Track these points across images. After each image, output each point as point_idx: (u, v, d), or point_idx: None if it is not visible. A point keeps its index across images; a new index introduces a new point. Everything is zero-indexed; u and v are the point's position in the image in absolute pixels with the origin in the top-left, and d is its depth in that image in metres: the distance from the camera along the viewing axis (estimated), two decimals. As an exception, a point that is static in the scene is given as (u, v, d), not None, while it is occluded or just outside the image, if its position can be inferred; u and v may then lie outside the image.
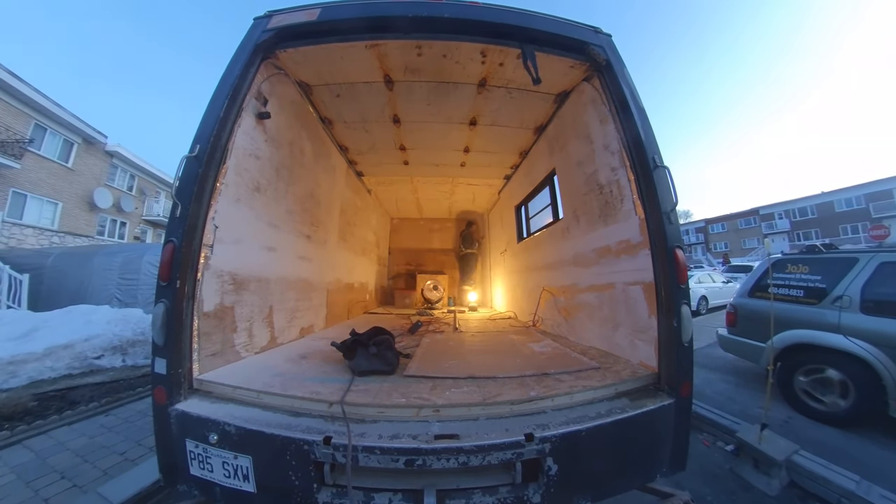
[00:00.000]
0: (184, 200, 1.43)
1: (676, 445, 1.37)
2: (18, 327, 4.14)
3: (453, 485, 1.12)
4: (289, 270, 2.52)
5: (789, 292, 3.25)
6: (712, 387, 3.57)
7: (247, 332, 1.92)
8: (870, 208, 25.48)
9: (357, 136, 3.28)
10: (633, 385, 1.49)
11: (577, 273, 2.58)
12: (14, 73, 9.82)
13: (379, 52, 2.05)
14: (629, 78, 1.80)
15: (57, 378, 3.58)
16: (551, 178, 3.15)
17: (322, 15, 1.76)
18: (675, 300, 1.44)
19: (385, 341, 1.75)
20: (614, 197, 2.01)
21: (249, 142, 1.92)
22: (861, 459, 2.21)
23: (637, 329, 1.76)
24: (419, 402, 1.30)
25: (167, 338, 1.33)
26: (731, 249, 33.90)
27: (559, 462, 1.13)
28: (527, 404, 1.31)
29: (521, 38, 1.82)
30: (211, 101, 1.61)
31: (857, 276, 2.84)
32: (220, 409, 1.28)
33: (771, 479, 2.09)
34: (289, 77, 2.25)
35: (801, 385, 2.96)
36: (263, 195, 2.10)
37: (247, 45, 1.74)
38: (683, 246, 1.54)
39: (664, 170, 1.56)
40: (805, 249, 3.48)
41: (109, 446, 2.37)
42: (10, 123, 9.96)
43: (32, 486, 1.93)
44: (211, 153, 1.53)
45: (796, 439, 2.30)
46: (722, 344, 3.91)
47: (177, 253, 1.39)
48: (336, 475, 1.12)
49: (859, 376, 2.61)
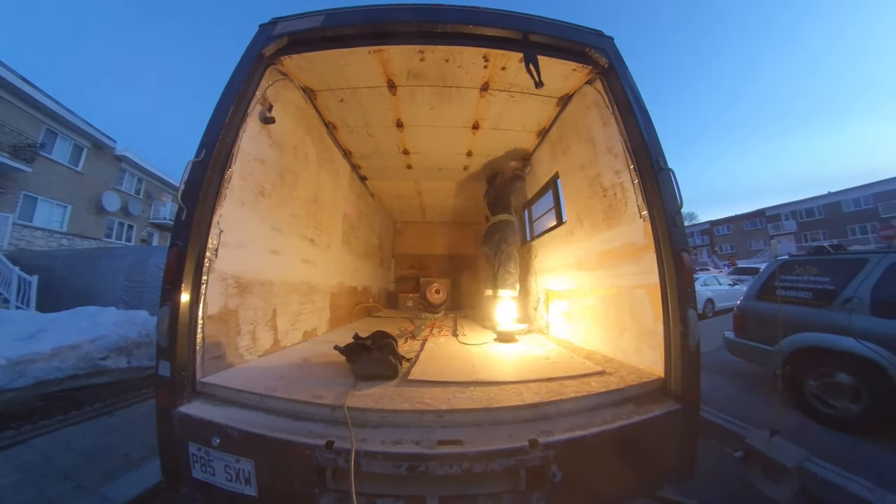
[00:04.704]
0: (189, 204, 1.44)
1: (684, 452, 1.35)
2: (27, 328, 4.20)
3: (456, 491, 1.11)
4: (292, 274, 2.53)
5: (797, 294, 3.20)
6: (720, 391, 3.51)
7: (250, 335, 1.93)
8: (878, 208, 25.08)
9: (361, 141, 3.30)
10: (638, 390, 1.47)
11: (582, 277, 2.56)
12: (26, 79, 10.05)
13: (382, 58, 2.06)
14: (632, 80, 1.79)
15: (63, 378, 3.61)
16: (555, 181, 3.14)
17: (326, 21, 1.78)
18: (681, 304, 1.42)
19: (388, 345, 1.75)
20: (618, 200, 1.99)
21: (254, 146, 1.94)
22: (875, 466, 2.16)
23: (643, 333, 1.74)
24: (422, 406, 1.29)
25: (171, 340, 1.34)
26: (737, 251, 33.51)
27: (564, 469, 1.11)
28: (531, 410, 1.29)
29: (524, 42, 1.83)
30: (217, 106, 1.63)
31: (867, 277, 2.79)
32: (222, 413, 1.28)
33: (781, 487, 2.04)
34: (293, 82, 2.27)
35: (811, 389, 2.90)
36: (268, 199, 2.12)
37: (252, 52, 1.76)
38: (689, 248, 1.52)
39: (669, 172, 1.55)
40: (813, 251, 3.43)
41: (113, 447, 2.38)
42: (23, 128, 10.17)
43: (36, 485, 1.94)
44: (216, 158, 1.55)
45: (807, 445, 2.24)
46: (729, 348, 3.85)
47: (182, 256, 1.40)
48: (338, 480, 1.11)
49: (871, 380, 2.55)
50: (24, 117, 10.33)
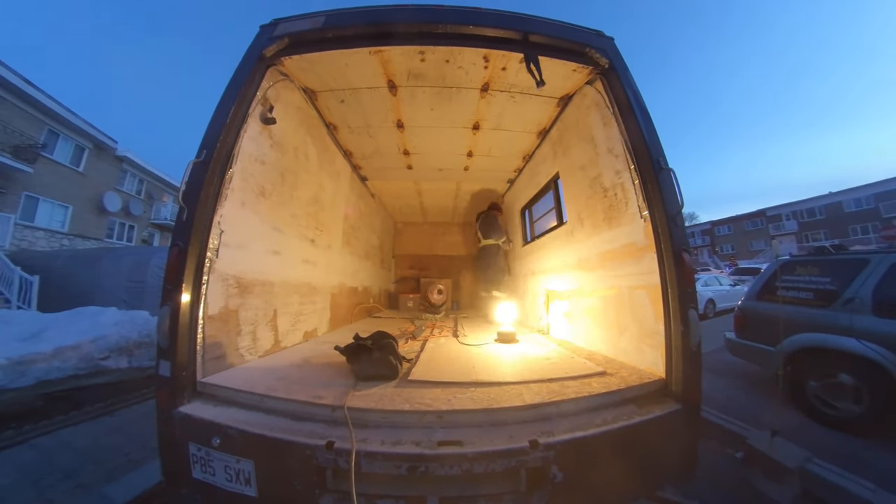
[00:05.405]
0: (190, 205, 1.45)
1: (685, 453, 1.34)
2: (28, 328, 4.21)
3: (457, 492, 1.11)
4: (293, 274, 2.53)
5: (799, 295, 3.19)
6: (720, 392, 3.50)
7: (251, 335, 1.93)
8: (880, 208, 25.04)
9: (361, 141, 3.30)
10: (639, 391, 1.47)
11: (582, 277, 2.56)
12: (28, 80, 10.09)
13: (382, 58, 2.07)
14: (632, 80, 1.79)
15: (64, 378, 3.62)
16: (555, 181, 3.14)
17: (327, 22, 1.78)
18: (681, 304, 1.42)
19: (388, 345, 1.75)
20: (619, 200, 1.99)
21: (255, 147, 1.94)
22: (878, 467, 2.15)
23: (643, 334, 1.73)
24: (422, 407, 1.29)
25: (172, 340, 1.34)
26: (738, 252, 33.47)
27: (564, 469, 1.11)
28: (531, 410, 1.29)
29: (524, 42, 1.83)
30: (218, 106, 1.63)
31: (869, 277, 2.78)
32: (223, 413, 1.28)
33: (782, 488, 2.03)
34: (294, 83, 2.28)
35: (812, 390, 2.89)
36: (268, 199, 2.12)
37: (253, 52, 1.77)
38: (689, 249, 1.52)
39: (669, 172, 1.55)
40: (814, 251, 3.42)
41: (114, 447, 2.38)
42: (24, 129, 10.21)
43: (37, 485, 1.95)
44: (217, 158, 1.55)
45: (809, 446, 2.24)
46: (730, 348, 3.84)
47: (183, 256, 1.40)
48: (338, 481, 1.11)
49: (873, 380, 2.55)
50: (25, 118, 10.37)
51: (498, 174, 4.21)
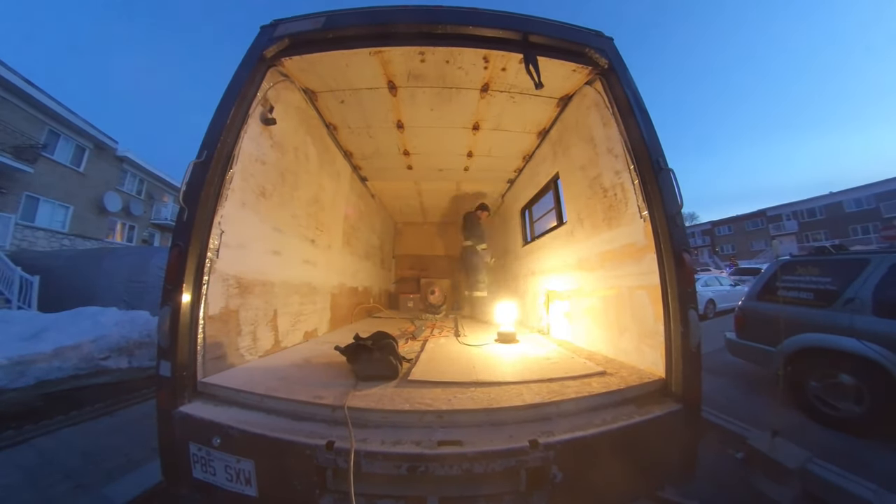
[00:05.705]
0: (191, 205, 1.45)
1: (685, 453, 1.34)
2: (28, 328, 4.22)
3: (456, 492, 1.11)
4: (293, 274, 2.54)
5: (799, 295, 3.19)
6: (721, 392, 3.50)
7: (251, 335, 1.93)
8: (880, 208, 25.02)
9: (361, 142, 3.31)
10: (639, 391, 1.47)
11: (582, 277, 2.56)
12: (29, 81, 10.11)
13: (382, 59, 2.07)
14: (632, 81, 1.79)
15: (64, 378, 3.63)
16: (555, 181, 3.14)
17: (327, 23, 1.79)
18: (681, 304, 1.42)
19: (388, 346, 1.75)
20: (619, 200, 1.99)
21: (255, 147, 1.94)
22: (878, 468, 2.15)
23: (643, 334, 1.73)
24: (422, 407, 1.29)
25: (172, 341, 1.34)
26: (738, 252, 33.46)
27: (564, 469, 1.11)
28: (531, 410, 1.29)
29: (523, 43, 1.83)
30: (218, 107, 1.63)
31: (869, 277, 2.78)
32: (223, 413, 1.28)
33: (783, 488, 2.03)
34: (294, 84, 2.28)
35: (813, 390, 2.89)
36: (269, 200, 2.13)
37: (253, 53, 1.77)
38: (689, 249, 1.52)
39: (669, 172, 1.55)
40: (815, 251, 3.42)
41: (114, 447, 2.39)
42: (25, 129, 10.23)
43: (37, 485, 1.95)
44: (218, 158, 1.55)
45: (809, 446, 2.24)
46: (730, 348, 3.84)
47: (183, 257, 1.41)
48: (338, 481, 1.11)
49: (873, 381, 2.54)
50: (26, 118, 10.39)
51: (498, 174, 4.22)
